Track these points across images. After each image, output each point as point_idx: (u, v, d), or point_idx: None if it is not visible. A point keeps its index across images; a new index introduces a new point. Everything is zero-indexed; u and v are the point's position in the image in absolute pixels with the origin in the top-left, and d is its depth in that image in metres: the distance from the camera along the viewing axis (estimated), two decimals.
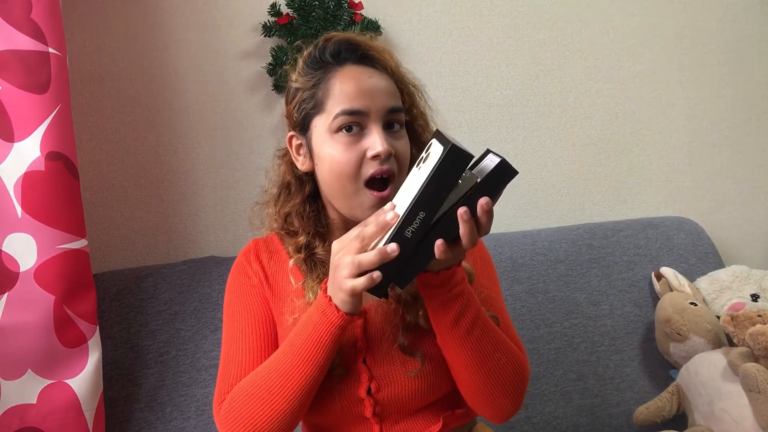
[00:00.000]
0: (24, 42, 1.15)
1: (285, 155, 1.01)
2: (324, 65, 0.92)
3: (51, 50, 1.17)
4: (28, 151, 1.16)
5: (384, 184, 0.89)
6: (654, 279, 1.60)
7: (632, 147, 1.84)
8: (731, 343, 1.44)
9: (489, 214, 0.77)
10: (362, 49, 0.92)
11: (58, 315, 1.18)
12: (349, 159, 0.88)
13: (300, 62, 0.95)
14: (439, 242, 0.77)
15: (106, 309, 1.36)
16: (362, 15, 1.58)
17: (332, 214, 0.98)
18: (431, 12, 1.69)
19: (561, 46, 1.78)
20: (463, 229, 0.76)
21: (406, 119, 0.94)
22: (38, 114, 1.16)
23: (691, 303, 1.50)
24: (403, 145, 0.92)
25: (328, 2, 1.56)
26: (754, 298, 1.51)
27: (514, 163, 0.77)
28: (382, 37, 1.60)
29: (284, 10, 1.55)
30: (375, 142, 0.87)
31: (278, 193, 1.01)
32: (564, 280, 1.59)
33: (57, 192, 1.18)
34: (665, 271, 1.59)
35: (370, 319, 0.94)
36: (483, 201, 0.76)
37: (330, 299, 0.82)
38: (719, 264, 1.68)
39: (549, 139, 1.78)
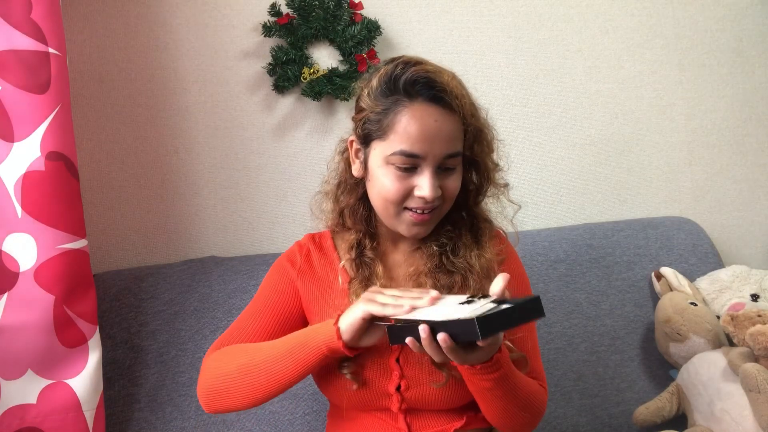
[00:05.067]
0: (24, 42, 1.15)
1: (344, 152, 1.03)
2: (395, 95, 0.92)
3: (51, 50, 1.17)
4: (28, 151, 1.16)
5: (429, 211, 0.94)
6: (654, 279, 1.60)
7: (632, 147, 1.84)
8: (731, 343, 1.44)
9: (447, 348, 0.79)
10: (437, 88, 0.90)
11: (58, 315, 1.18)
12: (397, 190, 0.92)
13: (374, 82, 0.95)
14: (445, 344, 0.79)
15: (106, 309, 1.36)
16: (362, 15, 1.58)
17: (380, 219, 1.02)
18: (431, 12, 1.69)
19: (561, 46, 1.78)
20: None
21: (465, 153, 0.96)
22: (38, 114, 1.16)
23: (691, 303, 1.50)
24: (453, 181, 0.95)
25: (328, 2, 1.56)
26: (754, 298, 1.51)
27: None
28: (382, 36, 1.60)
29: (284, 10, 1.55)
30: (425, 185, 0.91)
31: (336, 190, 1.05)
32: (564, 280, 1.59)
33: (57, 192, 1.18)
34: (665, 271, 1.59)
35: None
36: (441, 337, 0.78)
37: (338, 326, 0.87)
38: (719, 264, 1.68)
39: (549, 139, 1.78)
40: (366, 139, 0.96)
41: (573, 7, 1.78)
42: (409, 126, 0.90)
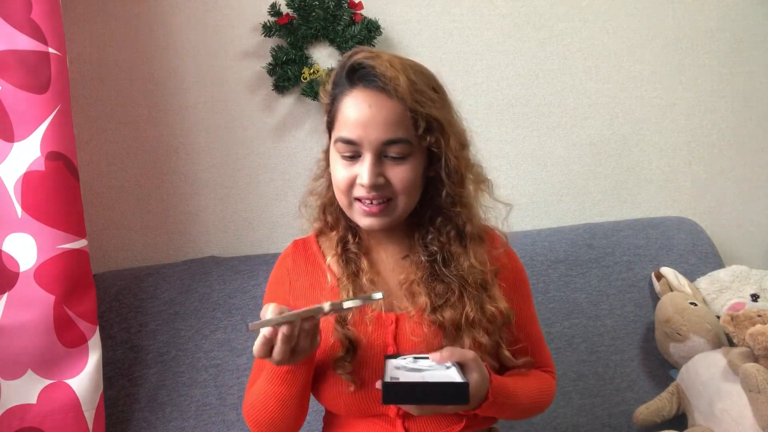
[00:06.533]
0: (24, 42, 1.15)
1: (328, 150, 1.04)
2: (340, 85, 0.94)
3: (51, 50, 1.17)
4: (28, 151, 1.16)
5: (378, 202, 0.93)
6: (654, 279, 1.60)
7: (632, 147, 1.84)
8: (731, 343, 1.44)
9: None
10: (371, 73, 0.90)
11: (58, 315, 1.18)
12: (342, 178, 0.93)
13: (330, 76, 0.98)
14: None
15: (106, 309, 1.36)
16: (362, 15, 1.58)
17: None
18: (431, 12, 1.69)
19: (561, 46, 1.78)
20: None
21: (423, 143, 0.93)
22: (38, 114, 1.16)
23: (691, 303, 1.50)
24: (401, 172, 0.91)
25: (328, 2, 1.56)
26: (754, 298, 1.51)
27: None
28: (382, 36, 1.60)
29: (284, 10, 1.55)
30: (363, 172, 0.90)
31: (317, 185, 1.06)
32: (564, 280, 1.59)
33: (57, 192, 1.18)
34: (665, 271, 1.59)
35: (401, 327, 0.96)
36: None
37: None
38: (719, 264, 1.68)
39: (549, 139, 1.78)
40: (328, 131, 0.98)
41: (573, 7, 1.78)
42: (346, 112, 0.91)
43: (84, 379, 1.22)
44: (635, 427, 1.49)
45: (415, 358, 0.90)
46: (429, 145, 0.92)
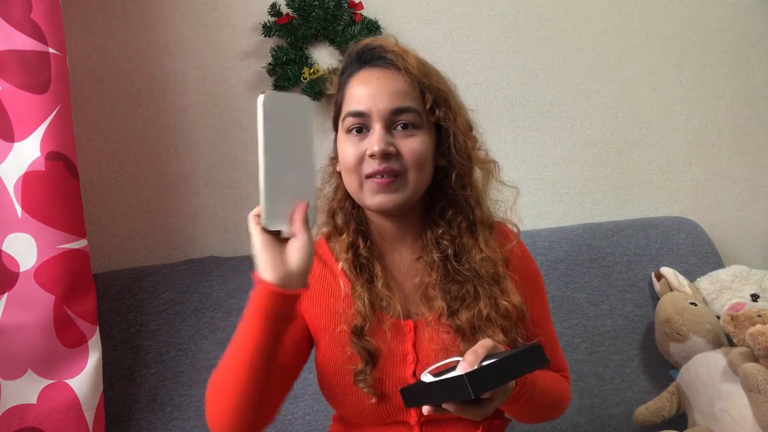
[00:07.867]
0: (24, 42, 1.15)
1: (335, 157, 1.03)
2: (346, 70, 0.96)
3: (51, 50, 1.17)
4: (28, 151, 1.16)
5: (389, 175, 0.90)
6: (654, 279, 1.60)
7: (632, 147, 1.84)
8: (731, 343, 1.44)
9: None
10: (378, 51, 0.93)
11: (58, 315, 1.18)
12: (353, 156, 0.91)
13: (338, 70, 1.01)
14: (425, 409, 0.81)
15: (106, 309, 1.36)
16: (362, 15, 1.58)
17: (366, 211, 1.00)
18: (431, 12, 1.69)
19: (561, 46, 1.78)
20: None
21: (431, 118, 0.93)
22: (38, 114, 1.16)
23: (691, 303, 1.50)
24: (411, 143, 0.91)
25: (328, 2, 1.56)
26: (754, 298, 1.51)
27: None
28: (381, 36, 1.60)
29: (284, 10, 1.55)
30: (372, 142, 0.90)
31: (328, 192, 1.04)
32: (564, 280, 1.59)
33: (57, 192, 1.18)
34: (665, 271, 1.59)
35: (419, 335, 0.95)
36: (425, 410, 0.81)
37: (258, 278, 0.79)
38: (719, 264, 1.68)
39: (549, 139, 1.78)
40: (335, 122, 0.98)
41: (573, 7, 1.78)
42: (354, 89, 0.93)
43: (84, 379, 1.22)
44: (635, 427, 1.49)
45: (429, 372, 0.86)
46: (437, 120, 0.93)
